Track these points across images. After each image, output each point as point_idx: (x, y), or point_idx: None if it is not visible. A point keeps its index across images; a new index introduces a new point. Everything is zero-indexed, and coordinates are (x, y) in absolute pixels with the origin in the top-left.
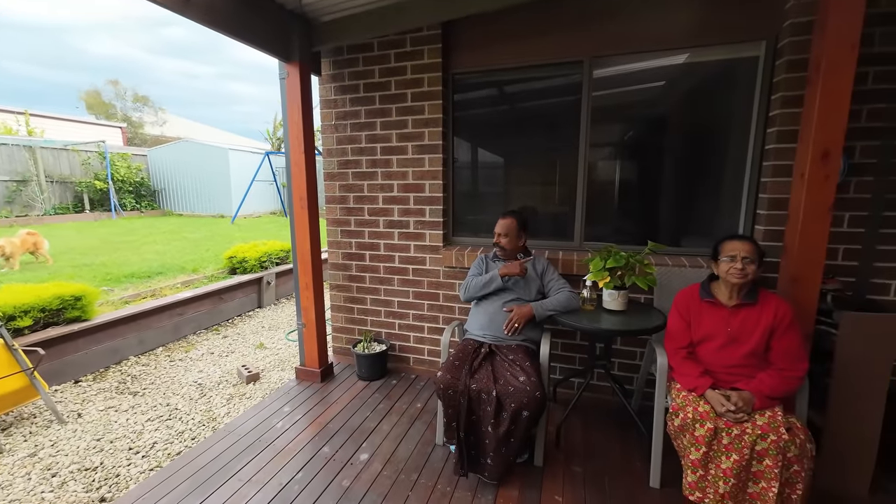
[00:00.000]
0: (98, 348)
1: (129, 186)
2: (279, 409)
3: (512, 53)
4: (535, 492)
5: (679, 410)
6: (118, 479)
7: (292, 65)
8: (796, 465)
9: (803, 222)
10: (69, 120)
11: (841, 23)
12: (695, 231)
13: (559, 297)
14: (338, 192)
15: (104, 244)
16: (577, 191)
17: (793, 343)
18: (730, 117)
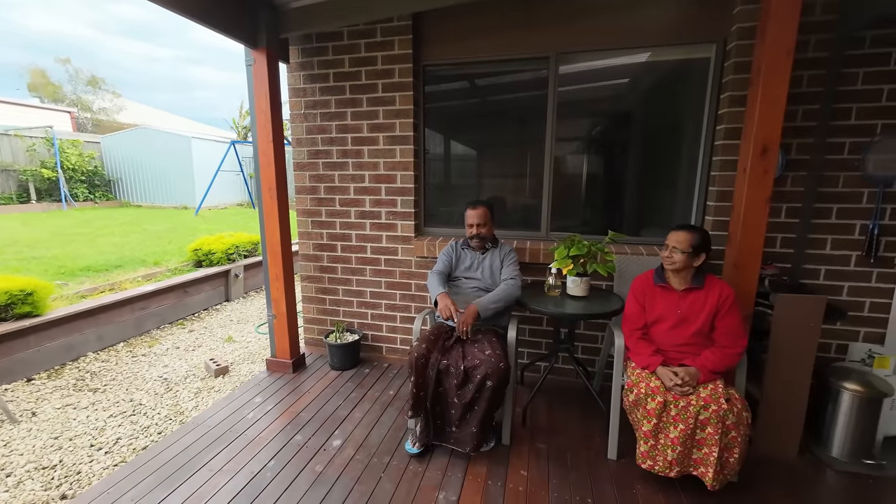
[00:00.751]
0: (52, 345)
1: (82, 175)
2: (250, 400)
3: (482, 47)
4: (502, 468)
5: (633, 387)
6: (79, 476)
7: (259, 51)
8: (734, 431)
9: (745, 213)
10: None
11: (778, 30)
12: (655, 221)
13: (499, 289)
14: (308, 183)
15: (55, 236)
16: (543, 183)
17: (733, 322)
18: (686, 114)
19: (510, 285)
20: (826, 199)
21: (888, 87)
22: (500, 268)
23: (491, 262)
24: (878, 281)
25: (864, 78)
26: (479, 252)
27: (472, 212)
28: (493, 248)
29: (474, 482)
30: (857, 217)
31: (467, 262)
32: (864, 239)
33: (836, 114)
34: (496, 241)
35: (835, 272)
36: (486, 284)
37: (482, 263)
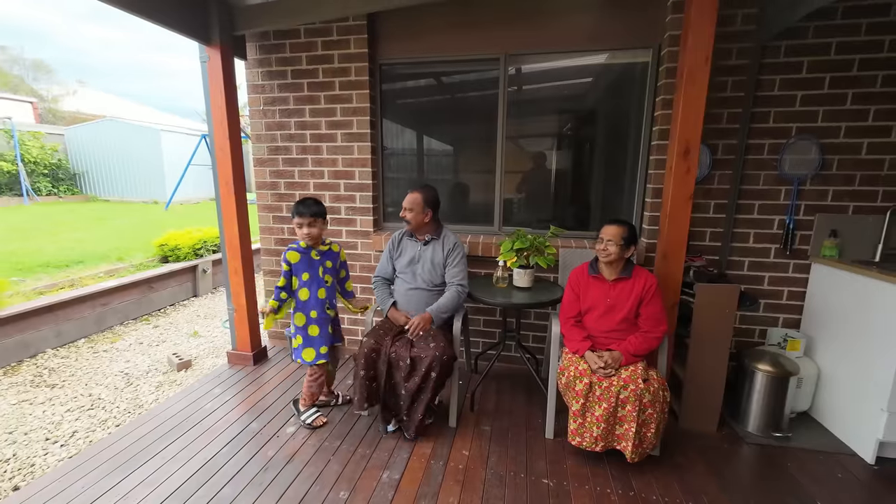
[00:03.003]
0: (7, 341)
1: (44, 169)
2: (209, 392)
3: (436, 46)
4: (445, 448)
5: (564, 370)
6: (33, 469)
7: (213, 48)
8: (650, 408)
9: (671, 209)
10: None
11: (696, 40)
12: (603, 216)
13: (446, 297)
14: (268, 178)
15: (13, 231)
16: (495, 179)
17: (655, 309)
18: (629, 116)
19: (456, 293)
20: (748, 195)
21: (801, 94)
22: (443, 262)
23: (433, 254)
24: (794, 271)
25: (780, 84)
26: (421, 242)
27: (406, 196)
28: (435, 239)
29: (418, 462)
30: (776, 213)
31: (410, 253)
32: (781, 232)
33: (756, 117)
34: (439, 232)
35: (757, 263)
36: (423, 280)
37: (423, 255)
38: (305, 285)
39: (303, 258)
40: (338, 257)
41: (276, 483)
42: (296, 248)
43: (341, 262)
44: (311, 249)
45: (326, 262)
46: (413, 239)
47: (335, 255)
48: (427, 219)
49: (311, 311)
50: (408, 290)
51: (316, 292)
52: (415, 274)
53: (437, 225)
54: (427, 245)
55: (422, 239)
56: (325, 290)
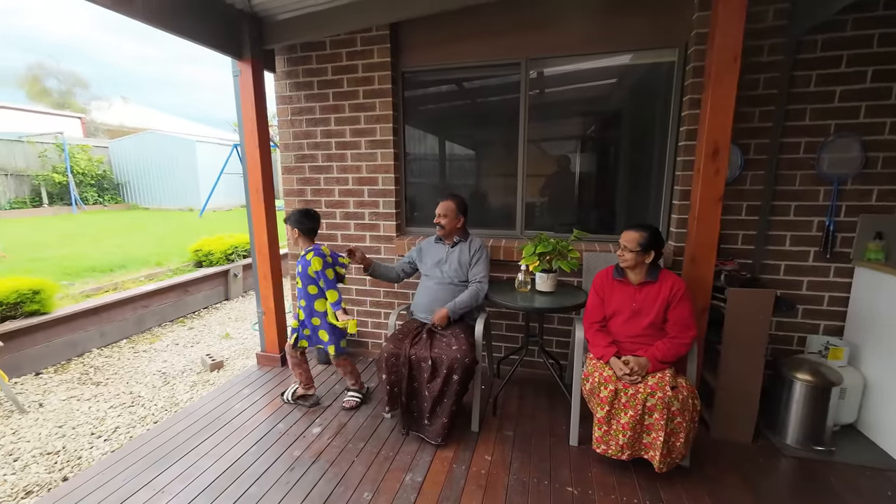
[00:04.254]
0: (58, 341)
1: (91, 179)
2: (238, 392)
3: (457, 53)
4: (468, 452)
5: (589, 376)
6: (80, 461)
7: (245, 62)
8: (679, 417)
9: (699, 211)
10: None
11: (724, 37)
12: (628, 219)
13: (465, 294)
14: (296, 185)
15: (63, 238)
16: (517, 183)
17: (683, 314)
18: (656, 117)
19: (477, 289)
20: (784, 196)
21: (840, 89)
22: (469, 262)
23: (459, 255)
24: (835, 275)
25: (816, 80)
26: (450, 245)
27: (440, 203)
28: (463, 241)
29: (440, 465)
30: (814, 214)
31: (438, 256)
32: (821, 235)
33: (791, 115)
34: (466, 235)
35: (794, 267)
36: (449, 277)
37: (450, 256)
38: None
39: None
40: (309, 265)
41: (301, 483)
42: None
43: (315, 271)
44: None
45: (298, 267)
46: (441, 243)
47: (307, 262)
48: (459, 224)
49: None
50: (436, 284)
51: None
52: (442, 272)
53: (465, 230)
54: (454, 247)
55: (450, 242)
56: (297, 290)
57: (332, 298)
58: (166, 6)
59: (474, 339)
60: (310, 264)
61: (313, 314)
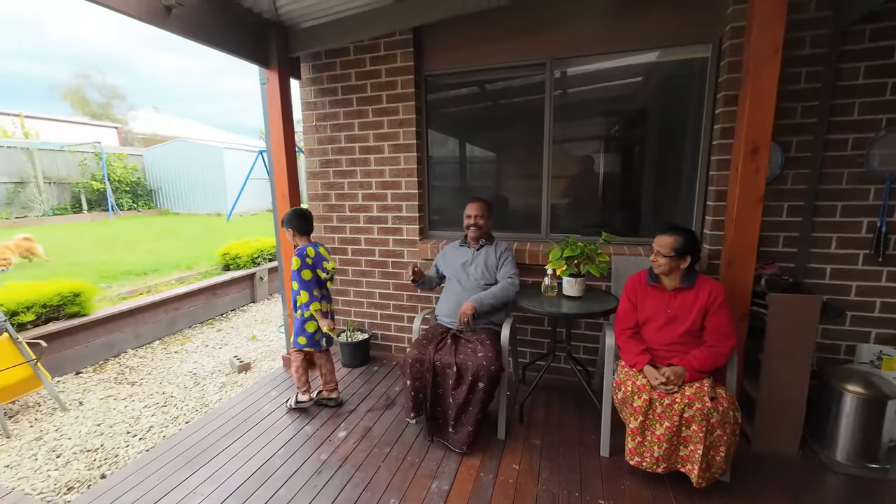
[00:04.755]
0: (96, 342)
1: (126, 186)
2: (266, 394)
3: (480, 55)
4: (495, 461)
5: (621, 385)
6: (117, 459)
7: (272, 70)
8: (719, 429)
9: (737, 212)
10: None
11: (763, 30)
12: (658, 221)
13: (495, 288)
14: (320, 190)
15: (101, 243)
16: (542, 185)
17: (722, 321)
18: (686, 114)
19: (507, 285)
20: (829, 196)
21: (893, 81)
22: (496, 265)
23: (485, 258)
24: (888, 280)
25: (865, 72)
26: (475, 248)
27: (471, 205)
28: (488, 244)
29: (467, 473)
30: (864, 214)
31: (463, 259)
32: (871, 237)
33: (837, 110)
34: (492, 238)
35: (842, 271)
36: (475, 280)
37: (476, 259)
38: None
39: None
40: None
41: (329, 487)
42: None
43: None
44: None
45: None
46: (465, 246)
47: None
48: (489, 226)
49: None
50: (461, 288)
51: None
52: (468, 275)
53: (490, 233)
54: (480, 250)
55: (476, 246)
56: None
57: (302, 299)
58: (198, 18)
59: (500, 345)
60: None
61: (295, 309)
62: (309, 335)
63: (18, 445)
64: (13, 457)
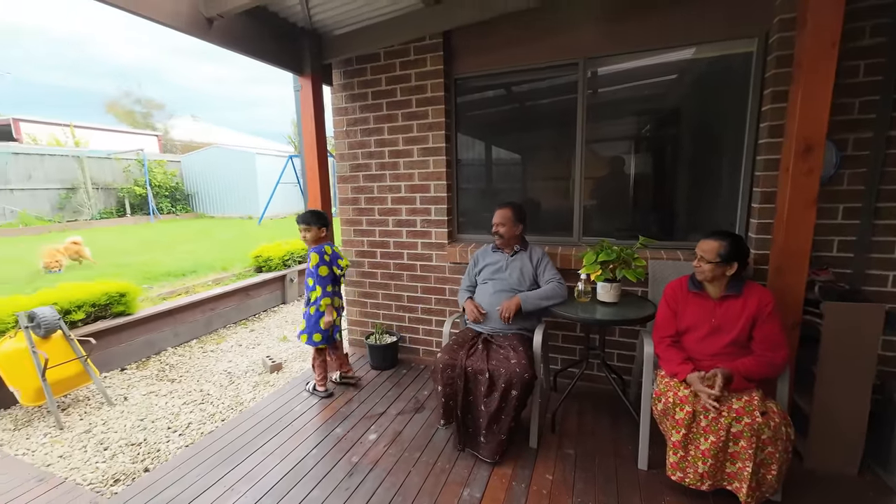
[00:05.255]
0: (139, 340)
1: (165, 191)
2: (297, 395)
3: (511, 57)
4: (527, 470)
5: (661, 395)
6: (159, 454)
7: (305, 78)
8: (770, 447)
9: (788, 215)
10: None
11: (820, 21)
12: (696, 225)
13: (546, 288)
14: (350, 194)
15: (143, 245)
16: (574, 187)
17: (772, 331)
18: (727, 113)
19: (554, 287)
20: (890, 197)
21: None
22: (532, 271)
23: (521, 264)
24: None
25: None
26: (509, 254)
27: (497, 211)
28: (522, 250)
29: (499, 482)
30: None
31: (496, 264)
32: None
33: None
34: (525, 244)
35: None
36: (510, 285)
37: (511, 264)
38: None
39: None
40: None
41: (361, 489)
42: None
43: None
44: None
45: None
46: (499, 252)
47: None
48: (518, 232)
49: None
50: (494, 292)
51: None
52: (502, 280)
53: (523, 238)
54: (514, 256)
55: (509, 251)
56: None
57: (316, 294)
58: (237, 29)
59: (533, 351)
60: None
61: (309, 305)
62: (325, 332)
63: (70, 437)
64: (66, 447)
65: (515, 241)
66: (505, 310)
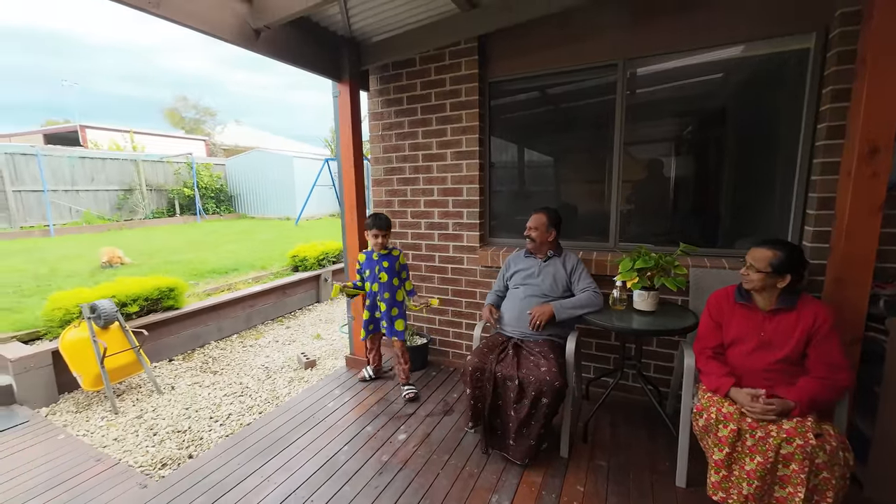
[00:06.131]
0: (185, 333)
1: (211, 193)
2: (330, 392)
3: (547, 60)
4: (558, 479)
5: (703, 411)
6: (202, 442)
7: (343, 84)
8: (825, 472)
9: (849, 222)
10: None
11: (888, 12)
12: (743, 232)
13: (581, 297)
14: (384, 197)
15: (190, 244)
16: (612, 191)
17: (831, 351)
18: (780, 113)
19: (590, 296)
20: None
21: None
22: (566, 277)
23: (554, 270)
24: None
25: None
26: (542, 259)
27: (532, 216)
28: (556, 256)
29: (528, 490)
30: None
31: (528, 269)
32: None
33: None
34: (560, 249)
35: None
36: (542, 291)
37: (543, 270)
38: (368, 280)
39: (367, 259)
40: (396, 259)
41: (389, 489)
42: (364, 252)
43: (401, 264)
44: (373, 252)
45: (384, 263)
46: (532, 257)
47: (394, 258)
48: (551, 238)
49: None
50: (525, 297)
51: (372, 287)
52: (534, 286)
53: (557, 243)
54: (548, 262)
55: (542, 257)
56: (379, 286)
57: (409, 286)
58: (282, 40)
59: (564, 359)
60: (398, 259)
61: (394, 305)
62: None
63: (124, 422)
64: (120, 431)
65: (549, 246)
66: (537, 317)
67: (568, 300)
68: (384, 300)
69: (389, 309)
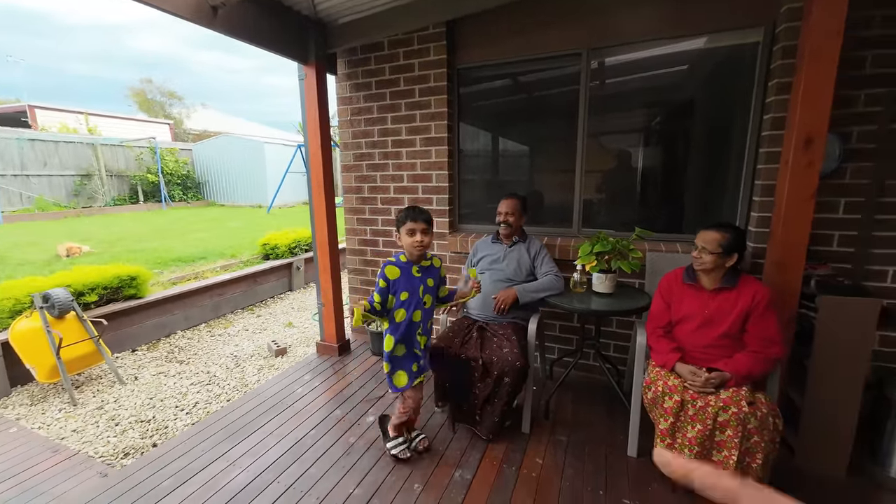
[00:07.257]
0: (149, 322)
1: (177, 179)
2: (300, 378)
3: (514, 47)
4: (518, 454)
5: (651, 384)
6: (167, 430)
7: (309, 66)
8: (756, 436)
9: (786, 209)
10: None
11: (824, 10)
12: (698, 217)
13: (543, 281)
14: (354, 183)
15: (155, 232)
16: (575, 179)
17: (767, 326)
18: (732, 104)
19: (551, 280)
20: (895, 192)
21: None
22: (529, 262)
23: (518, 255)
24: None
25: None
26: (507, 245)
27: (504, 201)
28: (521, 241)
29: (490, 464)
30: None
31: (494, 255)
32: None
33: None
34: (524, 235)
35: None
36: (506, 276)
37: (508, 255)
38: (403, 305)
39: (403, 274)
40: (438, 273)
41: (356, 468)
42: (395, 263)
43: (441, 277)
44: (411, 265)
45: (428, 281)
46: (498, 242)
47: (436, 270)
48: (522, 222)
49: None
50: (491, 282)
51: (411, 315)
52: (499, 270)
53: (522, 229)
54: (512, 247)
55: (508, 242)
56: (422, 313)
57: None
58: (241, 17)
59: (526, 340)
60: (439, 271)
61: (426, 333)
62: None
63: (83, 413)
64: (79, 423)
65: (516, 231)
66: (501, 301)
67: (531, 284)
68: (425, 332)
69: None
